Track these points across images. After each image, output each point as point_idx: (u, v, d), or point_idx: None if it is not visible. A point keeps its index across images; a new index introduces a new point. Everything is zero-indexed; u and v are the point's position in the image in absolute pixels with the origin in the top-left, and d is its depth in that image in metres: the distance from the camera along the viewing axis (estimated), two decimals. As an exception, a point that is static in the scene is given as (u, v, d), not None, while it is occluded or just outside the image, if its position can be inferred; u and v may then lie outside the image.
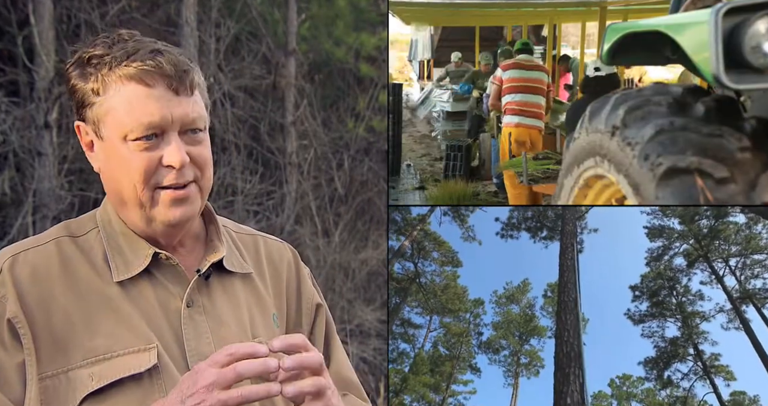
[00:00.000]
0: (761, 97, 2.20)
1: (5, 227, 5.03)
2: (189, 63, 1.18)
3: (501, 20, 9.67)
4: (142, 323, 1.16)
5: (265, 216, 6.23)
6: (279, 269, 1.38)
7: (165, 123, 1.14)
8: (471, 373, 8.60)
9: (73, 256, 1.19)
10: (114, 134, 1.15)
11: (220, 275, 1.27)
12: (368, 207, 6.90)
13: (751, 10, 1.84)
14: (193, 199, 1.19)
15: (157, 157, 1.15)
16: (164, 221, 1.18)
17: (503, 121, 5.88)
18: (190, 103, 1.17)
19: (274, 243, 1.43)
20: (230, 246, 1.32)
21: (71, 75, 1.18)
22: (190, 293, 1.21)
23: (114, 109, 1.14)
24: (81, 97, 1.17)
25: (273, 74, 6.51)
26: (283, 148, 6.53)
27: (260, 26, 6.50)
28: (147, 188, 1.15)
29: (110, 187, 1.21)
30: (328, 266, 6.23)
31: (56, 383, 1.11)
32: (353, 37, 6.76)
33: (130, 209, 1.19)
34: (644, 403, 9.10)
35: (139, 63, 1.13)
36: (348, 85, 7.07)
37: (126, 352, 1.13)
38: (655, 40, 2.19)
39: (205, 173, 1.20)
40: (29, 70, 5.12)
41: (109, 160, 1.18)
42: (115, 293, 1.17)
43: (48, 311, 1.13)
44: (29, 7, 5.04)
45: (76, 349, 1.12)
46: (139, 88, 1.13)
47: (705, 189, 1.93)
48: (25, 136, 5.04)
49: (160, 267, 1.21)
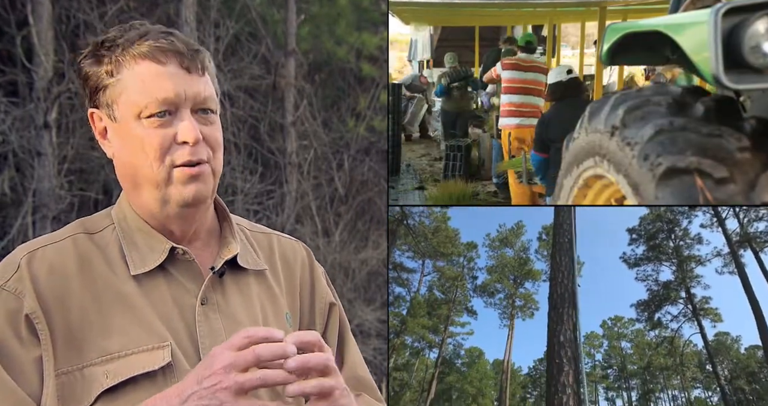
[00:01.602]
0: (761, 97, 2.19)
1: (5, 227, 5.03)
2: (200, 46, 1.21)
3: (501, 20, 9.66)
4: (156, 321, 1.16)
5: (265, 215, 6.23)
6: (293, 268, 1.39)
7: (179, 99, 1.16)
8: (467, 315, 8.67)
9: (89, 253, 1.20)
10: (128, 114, 1.16)
11: (234, 272, 1.27)
12: (368, 207, 6.91)
13: (751, 10, 1.84)
14: (206, 177, 1.19)
15: (171, 133, 1.16)
16: (179, 200, 1.18)
17: (501, 123, 5.90)
18: (202, 83, 1.19)
19: (288, 242, 1.43)
20: (244, 243, 1.32)
21: (83, 64, 1.20)
22: (205, 290, 1.21)
23: (128, 89, 1.16)
24: (95, 82, 1.19)
25: (272, 74, 6.52)
26: (283, 148, 6.53)
27: (260, 26, 6.50)
28: (162, 166, 1.16)
29: (125, 171, 1.22)
30: (329, 266, 6.23)
31: (72, 380, 1.12)
32: (354, 37, 6.76)
33: (145, 190, 1.19)
34: (633, 343, 9.27)
35: (151, 42, 1.16)
36: (348, 85, 7.07)
37: (140, 350, 1.14)
38: (654, 40, 2.18)
39: (217, 154, 1.21)
40: (28, 70, 5.13)
41: (123, 142, 1.19)
42: (130, 289, 1.17)
43: (64, 308, 1.14)
44: (28, 8, 5.05)
45: (91, 346, 1.13)
46: (152, 65, 1.15)
47: (704, 189, 1.92)
48: (24, 136, 5.04)
49: (175, 264, 1.22)
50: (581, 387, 4.09)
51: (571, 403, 3.94)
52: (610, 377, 10.35)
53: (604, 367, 10.18)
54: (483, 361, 10.35)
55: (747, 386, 8.16)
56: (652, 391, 9.70)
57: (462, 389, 10.06)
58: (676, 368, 8.88)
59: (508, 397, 10.58)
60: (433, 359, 9.47)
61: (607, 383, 10.38)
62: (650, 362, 9.42)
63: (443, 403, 9.80)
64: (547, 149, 4.55)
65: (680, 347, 8.42)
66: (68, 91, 5.13)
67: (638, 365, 9.40)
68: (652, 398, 9.88)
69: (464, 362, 9.82)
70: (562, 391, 3.97)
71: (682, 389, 9.15)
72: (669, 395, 9.58)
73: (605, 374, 10.37)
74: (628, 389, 10.02)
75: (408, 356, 8.90)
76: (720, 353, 8.26)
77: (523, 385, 10.97)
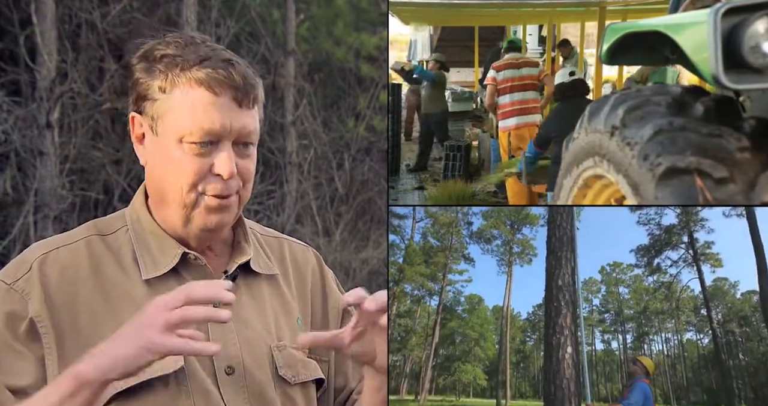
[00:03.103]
0: (760, 97, 2.20)
1: (6, 227, 5.03)
2: (255, 78, 1.20)
3: (500, 20, 9.66)
4: None
5: (266, 215, 6.24)
6: (303, 273, 1.39)
7: (224, 132, 1.16)
8: (465, 263, 8.63)
9: (101, 255, 1.21)
10: (171, 133, 1.17)
11: (246, 276, 1.28)
12: (369, 207, 6.91)
13: (751, 10, 1.85)
14: (232, 208, 1.21)
15: (209, 163, 1.16)
16: (201, 226, 1.20)
17: (500, 124, 5.93)
18: (250, 117, 1.19)
19: (299, 247, 1.44)
20: (257, 248, 1.33)
21: (136, 68, 1.20)
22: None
23: (176, 110, 1.16)
24: (144, 91, 1.19)
25: (272, 74, 6.52)
26: (283, 147, 6.54)
27: (259, 26, 6.51)
28: (193, 192, 1.17)
29: (154, 184, 1.22)
30: (329, 266, 6.21)
31: None
32: (353, 37, 6.76)
33: (171, 208, 1.20)
34: (631, 288, 9.28)
35: (210, 70, 1.15)
36: (348, 84, 7.08)
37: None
38: (654, 40, 2.19)
39: (247, 186, 1.22)
40: (31, 69, 5.13)
41: (159, 157, 1.19)
42: (142, 293, 1.18)
43: (75, 311, 1.15)
44: (31, 7, 5.05)
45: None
46: (206, 94, 1.15)
47: (704, 189, 1.93)
48: (26, 135, 5.04)
49: (188, 268, 1.22)
50: (578, 330, 4.20)
51: (569, 344, 4.05)
52: (606, 321, 10.44)
53: (601, 312, 10.28)
54: (483, 307, 10.44)
55: (738, 329, 8.20)
56: (646, 333, 9.81)
57: (464, 333, 10.19)
58: (672, 312, 8.92)
59: (508, 340, 10.76)
60: (434, 306, 9.52)
61: (603, 326, 10.50)
62: (646, 306, 9.48)
63: (447, 346, 9.92)
64: (546, 146, 4.66)
65: (677, 292, 8.40)
66: (71, 91, 5.14)
67: (634, 309, 9.44)
68: (646, 341, 9.98)
69: (465, 309, 9.87)
70: (559, 332, 4.08)
71: (676, 332, 9.22)
72: (662, 338, 9.67)
73: (602, 318, 10.49)
74: (623, 332, 10.12)
75: (409, 304, 8.92)
76: (716, 298, 8.24)
77: (523, 329, 11.10)
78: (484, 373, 10.78)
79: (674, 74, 6.90)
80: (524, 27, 9.73)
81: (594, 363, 10.49)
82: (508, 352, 10.69)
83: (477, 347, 10.59)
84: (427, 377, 10.00)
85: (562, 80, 4.94)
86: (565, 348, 4.03)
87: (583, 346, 4.19)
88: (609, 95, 2.43)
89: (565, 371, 3.97)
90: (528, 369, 11.17)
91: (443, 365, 10.66)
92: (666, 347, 9.94)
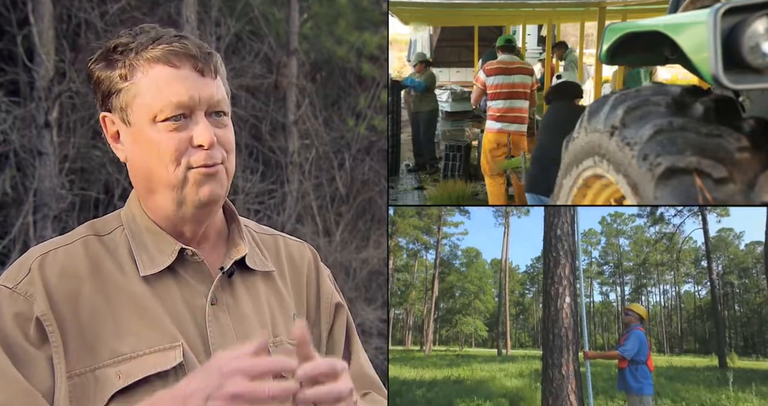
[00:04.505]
0: (760, 97, 2.20)
1: (6, 227, 5.03)
2: (212, 49, 1.22)
3: (500, 20, 9.67)
4: (167, 321, 1.17)
5: (267, 215, 6.23)
6: (299, 269, 1.40)
7: (193, 103, 1.17)
8: (460, 215, 8.52)
9: (99, 255, 1.21)
10: (143, 118, 1.17)
11: (242, 273, 1.29)
12: (369, 206, 6.91)
13: (750, 10, 1.85)
14: (221, 178, 1.20)
15: (187, 137, 1.17)
16: (195, 201, 1.19)
17: (486, 126, 5.80)
18: (215, 86, 1.20)
19: (294, 243, 1.45)
20: (252, 245, 1.34)
21: (94, 69, 1.21)
22: (214, 290, 1.23)
23: (142, 93, 1.17)
24: (107, 86, 1.19)
25: (274, 73, 6.51)
26: (284, 147, 6.53)
27: (261, 25, 6.50)
28: (179, 168, 1.17)
29: (139, 174, 1.23)
30: (329, 266, 6.19)
31: (85, 381, 1.13)
32: (355, 36, 6.76)
33: (160, 193, 1.20)
34: (632, 239, 9.20)
35: (165, 45, 1.17)
36: (349, 84, 7.07)
37: (152, 350, 1.15)
38: (654, 40, 2.19)
39: (230, 156, 1.22)
40: (29, 69, 5.13)
41: (138, 145, 1.20)
42: (140, 290, 1.19)
43: (76, 310, 1.15)
44: (29, 7, 5.05)
45: (103, 348, 1.14)
46: (166, 69, 1.16)
47: (704, 189, 1.93)
48: (25, 135, 5.04)
49: (185, 264, 1.23)
50: (577, 282, 4.21)
51: (567, 294, 4.07)
52: (605, 273, 10.42)
53: (600, 264, 10.24)
54: (481, 261, 10.43)
55: (737, 281, 8.12)
56: (644, 285, 9.78)
57: (463, 287, 10.20)
58: (672, 264, 8.85)
59: (507, 293, 10.82)
60: (431, 260, 9.48)
61: (602, 278, 10.48)
62: (646, 258, 9.43)
63: (447, 300, 9.91)
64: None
65: (679, 243, 8.29)
66: (69, 91, 5.13)
67: (634, 261, 9.38)
68: (644, 292, 9.96)
69: (462, 262, 9.83)
70: (558, 282, 4.09)
71: (674, 284, 9.18)
72: (660, 290, 9.64)
73: (601, 270, 10.47)
74: (622, 284, 10.09)
75: (406, 258, 8.86)
76: (718, 250, 8.15)
77: (522, 282, 11.12)
78: (484, 325, 10.87)
79: (646, 74, 6.83)
80: (524, 27, 9.74)
81: (592, 314, 10.55)
82: (508, 304, 10.78)
83: (477, 301, 10.61)
84: (430, 329, 10.13)
85: (551, 84, 4.97)
86: (564, 298, 4.05)
87: (582, 298, 4.20)
88: (608, 95, 2.43)
89: (564, 321, 4.01)
90: (527, 321, 11.27)
91: (444, 317, 10.77)
92: (663, 299, 9.92)
